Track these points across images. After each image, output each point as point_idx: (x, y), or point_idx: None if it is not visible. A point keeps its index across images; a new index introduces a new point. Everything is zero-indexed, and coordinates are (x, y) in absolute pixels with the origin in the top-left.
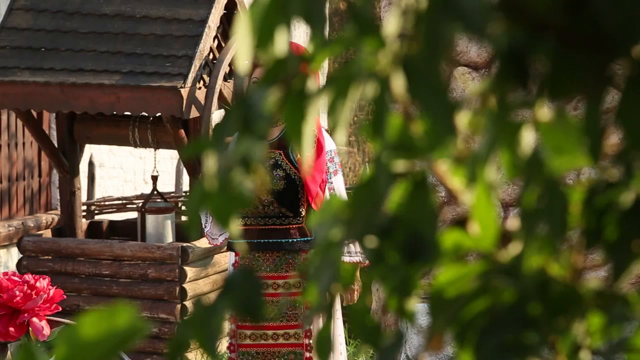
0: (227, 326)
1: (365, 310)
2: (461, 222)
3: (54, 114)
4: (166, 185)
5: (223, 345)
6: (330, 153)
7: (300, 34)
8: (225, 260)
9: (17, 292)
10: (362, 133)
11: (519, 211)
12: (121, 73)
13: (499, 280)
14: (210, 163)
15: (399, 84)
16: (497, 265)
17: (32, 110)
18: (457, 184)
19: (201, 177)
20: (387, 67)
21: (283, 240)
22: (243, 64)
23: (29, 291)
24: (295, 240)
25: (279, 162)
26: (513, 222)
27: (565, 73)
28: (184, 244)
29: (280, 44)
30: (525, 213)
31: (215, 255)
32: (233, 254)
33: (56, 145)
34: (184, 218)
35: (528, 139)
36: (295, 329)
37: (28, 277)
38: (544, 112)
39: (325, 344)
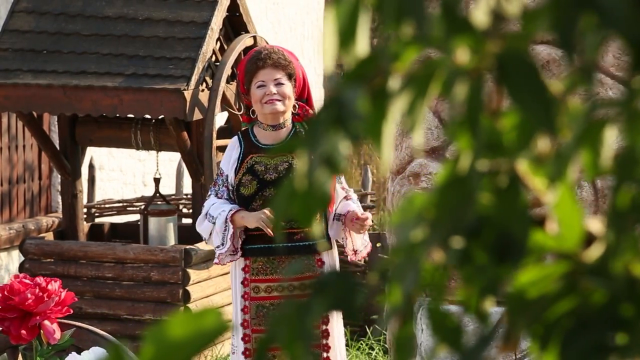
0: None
1: (446, 310)
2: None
3: (55, 116)
4: (166, 187)
5: (226, 346)
6: None
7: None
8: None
9: (29, 295)
10: (447, 133)
11: (609, 210)
12: (124, 75)
13: (588, 281)
14: (301, 162)
15: (489, 83)
16: (583, 265)
17: (34, 113)
18: (538, 184)
19: (291, 178)
20: (480, 66)
21: (290, 245)
22: (329, 63)
23: (40, 294)
24: (302, 244)
25: (294, 166)
26: (594, 223)
27: None
28: (187, 247)
29: (363, 43)
30: (618, 212)
31: None
32: (242, 258)
33: (58, 147)
34: (185, 220)
35: (611, 137)
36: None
37: (40, 279)
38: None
39: (405, 344)
